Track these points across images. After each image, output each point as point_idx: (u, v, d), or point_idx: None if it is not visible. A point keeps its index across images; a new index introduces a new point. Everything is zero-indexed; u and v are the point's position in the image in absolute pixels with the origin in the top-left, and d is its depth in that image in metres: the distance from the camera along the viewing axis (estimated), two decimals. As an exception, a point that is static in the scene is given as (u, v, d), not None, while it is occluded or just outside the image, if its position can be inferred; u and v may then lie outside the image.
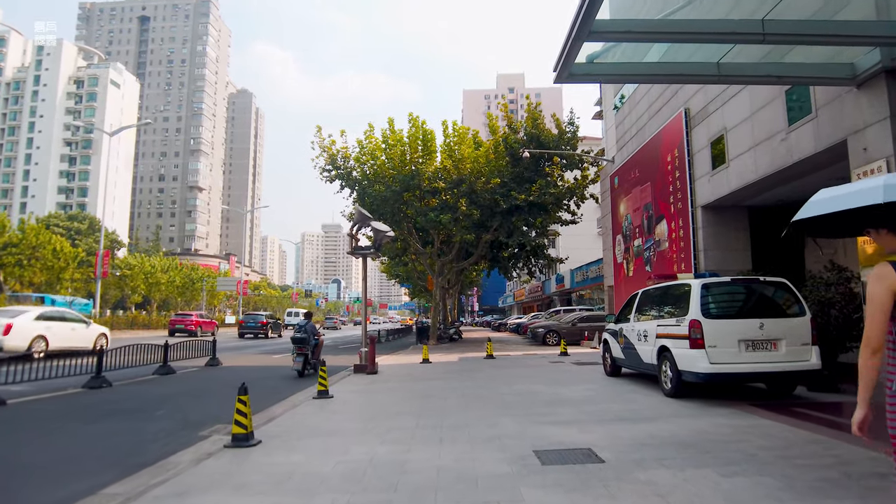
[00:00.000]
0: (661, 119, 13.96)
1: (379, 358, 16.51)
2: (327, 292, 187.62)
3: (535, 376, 10.97)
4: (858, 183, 2.27)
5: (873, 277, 2.06)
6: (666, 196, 13.19)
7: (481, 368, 12.78)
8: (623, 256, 16.39)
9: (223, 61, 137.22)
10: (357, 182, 22.74)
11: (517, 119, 22.72)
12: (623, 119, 17.34)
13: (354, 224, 12.71)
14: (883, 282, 2.02)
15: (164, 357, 11.86)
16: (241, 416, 5.46)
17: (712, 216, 11.73)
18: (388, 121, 22.53)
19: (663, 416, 6.38)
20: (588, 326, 22.40)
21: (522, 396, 8.19)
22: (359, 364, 12.37)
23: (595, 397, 7.99)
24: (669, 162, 13.03)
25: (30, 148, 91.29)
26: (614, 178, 17.25)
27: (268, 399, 8.59)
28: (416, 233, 24.97)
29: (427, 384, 9.96)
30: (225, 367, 13.91)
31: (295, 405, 7.91)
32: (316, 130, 22.81)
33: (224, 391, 9.67)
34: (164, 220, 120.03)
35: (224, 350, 20.13)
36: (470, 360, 15.12)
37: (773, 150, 9.22)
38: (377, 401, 8.19)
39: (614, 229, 17.33)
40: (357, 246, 12.75)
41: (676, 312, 7.70)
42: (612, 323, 10.28)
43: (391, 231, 13.08)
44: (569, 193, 21.66)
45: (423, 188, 21.66)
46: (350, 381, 10.81)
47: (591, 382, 9.70)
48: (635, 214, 15.34)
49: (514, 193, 20.77)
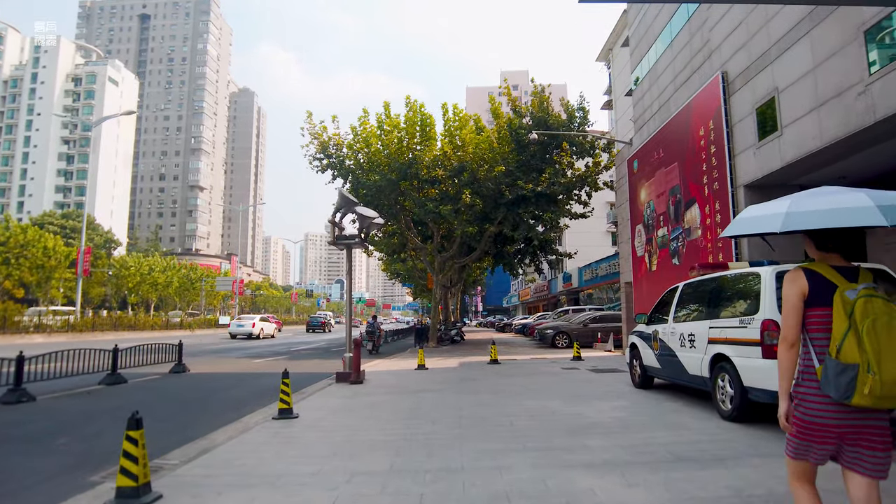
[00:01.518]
0: (690, 89, 12.15)
1: (370, 363, 14.77)
2: (330, 293, 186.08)
3: (549, 387, 9.18)
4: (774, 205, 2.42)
5: (787, 281, 2.28)
6: (698, 176, 11.37)
7: (484, 376, 11.00)
8: (644, 249, 14.56)
9: (224, 59, 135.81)
10: (350, 171, 20.97)
11: (522, 104, 20.87)
12: (642, 96, 15.52)
13: (337, 210, 10.95)
14: (794, 285, 2.26)
15: (113, 364, 10.14)
16: (130, 462, 3.70)
17: (757, 197, 9.91)
18: (384, 105, 20.78)
19: (740, 455, 4.57)
20: (601, 327, 20.59)
21: (536, 418, 6.41)
22: (342, 372, 10.62)
23: (630, 420, 6.20)
24: (702, 136, 11.22)
25: (27, 146, 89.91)
26: (633, 162, 15.42)
27: (219, 418, 6.87)
28: (414, 227, 23.21)
29: (418, 398, 8.19)
30: (192, 374, 12.18)
31: (246, 429, 6.17)
32: (306, 116, 21.07)
33: (168, 409, 7.94)
34: (165, 220, 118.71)
35: (205, 354, 18.47)
36: (471, 366, 13.35)
37: (845, 109, 7.41)
38: (350, 424, 6.42)
39: (633, 219, 15.51)
40: (340, 235, 10.98)
41: (739, 310, 5.90)
42: (642, 324, 8.48)
43: (379, 217, 11.31)
44: (580, 182, 19.82)
45: (421, 177, 19.89)
46: (328, 392, 9.06)
47: (618, 397, 7.89)
48: (659, 200, 13.52)
49: (521, 182, 18.97)
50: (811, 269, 2.26)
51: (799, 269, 2.27)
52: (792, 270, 2.29)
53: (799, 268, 2.28)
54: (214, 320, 45.05)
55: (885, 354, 2.01)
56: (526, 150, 19.86)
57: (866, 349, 2.02)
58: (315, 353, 19.54)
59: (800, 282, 2.24)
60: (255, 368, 13.90)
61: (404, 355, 17.48)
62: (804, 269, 2.27)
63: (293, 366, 14.82)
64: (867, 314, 2.06)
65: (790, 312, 2.25)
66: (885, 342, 2.02)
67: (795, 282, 2.25)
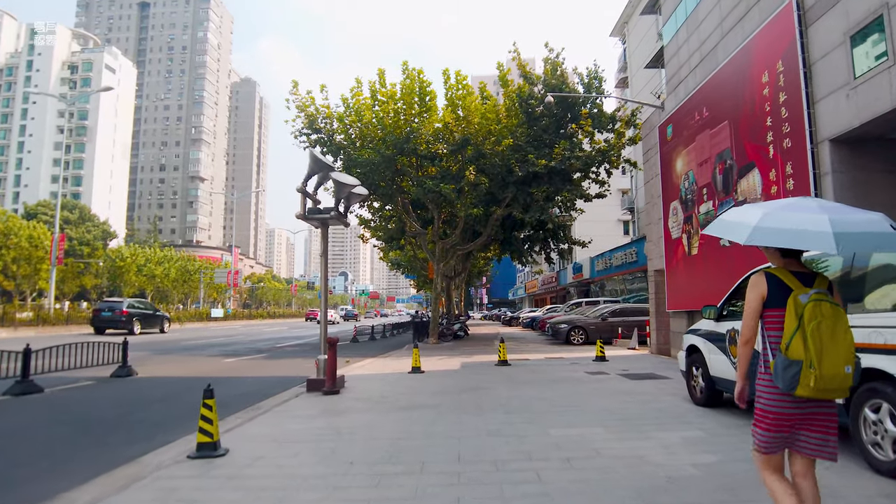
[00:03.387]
0: (744, 30, 9.85)
1: (358, 363, 12.63)
2: (334, 285, 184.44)
3: (578, 403, 6.99)
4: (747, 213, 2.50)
5: (750, 285, 2.52)
6: (759, 134, 9.10)
7: (492, 384, 8.83)
8: (682, 229, 12.28)
9: (225, 48, 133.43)
10: (342, 148, 18.72)
11: (534, 71, 18.43)
12: (677, 50, 13.18)
13: (309, 176, 8.73)
14: (756, 289, 2.49)
15: (24, 368, 8.00)
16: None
17: (848, 154, 7.66)
18: (379, 72, 18.45)
19: None
20: (621, 322, 18.35)
21: (574, 465, 4.22)
22: (313, 379, 8.47)
23: (729, 472, 3.98)
24: (765, 84, 8.94)
25: (22, 136, 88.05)
26: (666, 128, 13.12)
27: (115, 453, 4.83)
28: (413, 210, 20.98)
29: (404, 421, 6.02)
30: (136, 379, 10.05)
31: (134, 480, 4.02)
32: (292, 86, 18.82)
33: (54, 436, 5.80)
34: (165, 212, 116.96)
35: (176, 351, 16.34)
36: (476, 368, 11.18)
37: None
38: (295, 472, 4.25)
39: (666, 195, 13.22)
40: (312, 208, 8.79)
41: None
42: (708, 319, 6.24)
43: (361, 186, 9.08)
44: (600, 156, 17.48)
45: (419, 153, 17.65)
46: (289, 409, 6.91)
47: (681, 422, 5.68)
48: (701, 170, 11.24)
49: (532, 157, 16.70)
50: (771, 274, 2.48)
51: (761, 273, 2.51)
52: (755, 275, 2.54)
53: (762, 272, 2.52)
54: (206, 313, 42.99)
55: (825, 353, 2.22)
56: (537, 123, 17.58)
57: (809, 347, 2.23)
58: (301, 350, 17.41)
59: (760, 287, 2.48)
60: (220, 371, 11.78)
61: (400, 353, 15.33)
62: (766, 273, 2.50)
63: (267, 367, 12.71)
64: (814, 317, 2.25)
65: (749, 314, 2.51)
66: (828, 342, 2.23)
67: (757, 287, 2.49)
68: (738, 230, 2.44)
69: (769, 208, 2.42)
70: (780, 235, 2.30)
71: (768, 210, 2.40)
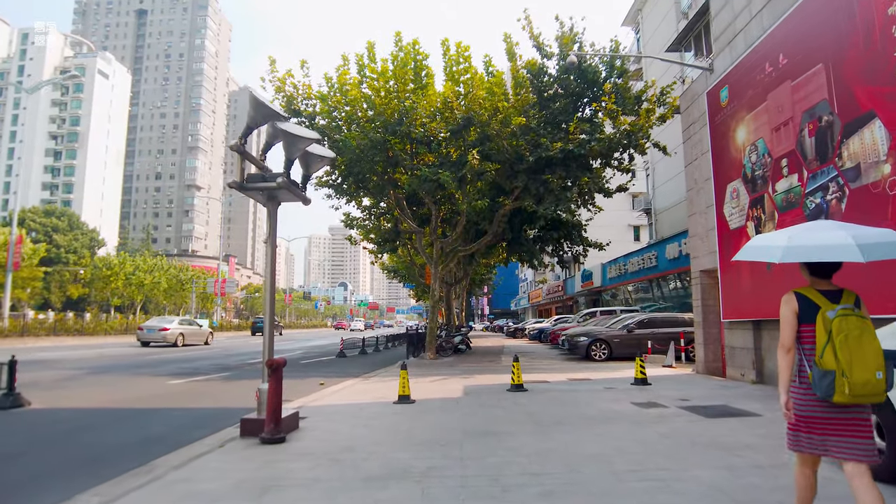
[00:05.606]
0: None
1: (334, 387, 9.89)
2: (333, 295, 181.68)
3: (658, 470, 4.30)
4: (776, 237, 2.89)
5: (783, 302, 2.76)
6: (882, 73, 6.52)
7: (508, 427, 6.14)
8: (747, 216, 9.60)
9: (223, 56, 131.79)
10: (325, 134, 16.09)
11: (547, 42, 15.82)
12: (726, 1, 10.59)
13: (249, 129, 6.11)
14: (788, 305, 2.74)
15: None
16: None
17: None
18: (368, 45, 15.90)
19: None
20: (649, 334, 15.58)
21: None
22: (250, 419, 5.81)
23: None
24: (891, 2, 6.36)
25: (13, 142, 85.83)
26: (719, 92, 10.51)
27: None
28: (407, 206, 18.32)
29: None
30: (27, 411, 7.37)
31: None
32: (269, 64, 16.29)
33: None
34: (161, 220, 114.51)
35: (118, 369, 13.56)
36: (483, 396, 8.49)
37: None
38: None
39: (720, 175, 10.57)
40: (253, 174, 6.17)
41: None
42: (894, 332, 3.61)
43: (319, 139, 6.47)
44: (625, 139, 14.83)
45: (414, 136, 15.09)
46: (188, 477, 4.23)
47: None
48: (777, 136, 8.63)
49: (545, 141, 14.12)
50: (801, 293, 2.73)
51: (792, 293, 2.76)
52: (786, 294, 2.77)
53: (792, 292, 2.76)
54: (189, 324, 40.06)
55: (855, 362, 2.44)
56: (551, 105, 15.00)
57: (840, 358, 2.46)
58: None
59: (792, 303, 2.72)
60: (152, 397, 9.09)
61: (390, 371, 12.60)
62: (796, 293, 2.75)
63: (218, 392, 10.01)
64: (841, 330, 2.50)
65: (786, 326, 2.73)
66: (856, 351, 2.46)
67: (788, 303, 2.74)
68: (770, 252, 2.82)
69: (792, 232, 2.83)
70: (810, 252, 2.65)
71: (792, 233, 2.79)
